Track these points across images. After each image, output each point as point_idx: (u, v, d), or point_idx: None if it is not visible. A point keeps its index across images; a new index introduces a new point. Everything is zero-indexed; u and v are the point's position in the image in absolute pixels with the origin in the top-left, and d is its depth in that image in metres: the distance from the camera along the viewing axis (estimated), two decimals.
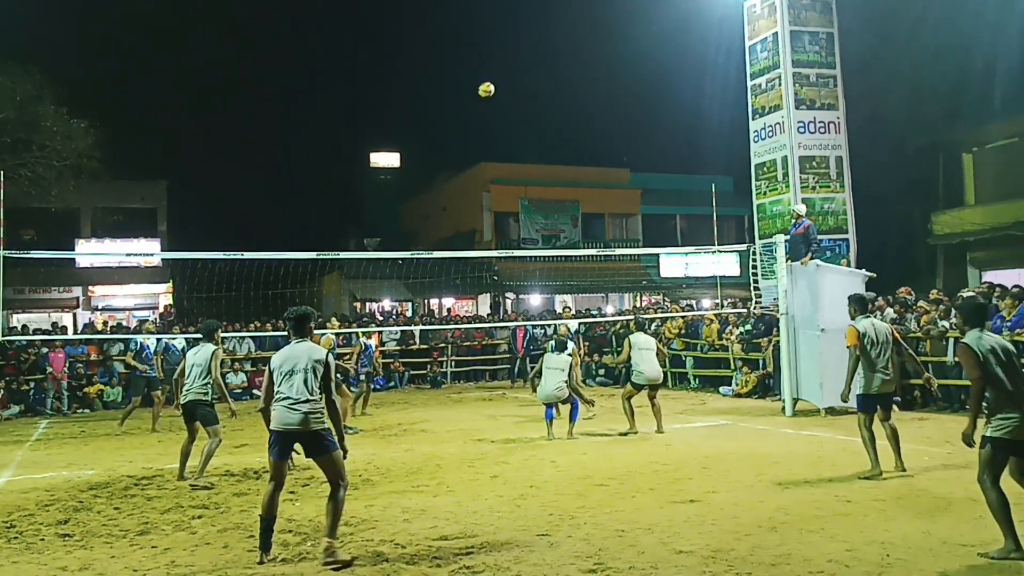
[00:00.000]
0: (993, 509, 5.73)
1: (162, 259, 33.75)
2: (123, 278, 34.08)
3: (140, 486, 9.21)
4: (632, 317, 15.59)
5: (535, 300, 36.12)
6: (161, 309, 32.76)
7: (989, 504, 5.77)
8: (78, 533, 7.12)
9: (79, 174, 25.22)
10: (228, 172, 47.22)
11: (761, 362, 17.45)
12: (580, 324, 20.54)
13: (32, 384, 19.18)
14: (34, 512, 7.96)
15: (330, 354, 6.38)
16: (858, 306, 9.03)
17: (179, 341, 17.03)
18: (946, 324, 13.97)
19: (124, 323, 28.77)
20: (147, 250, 33.09)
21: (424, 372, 23.14)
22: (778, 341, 14.78)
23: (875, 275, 14.58)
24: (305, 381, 6.14)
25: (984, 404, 5.81)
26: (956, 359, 13.57)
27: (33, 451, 12.81)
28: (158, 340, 15.92)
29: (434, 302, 37.34)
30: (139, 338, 14.74)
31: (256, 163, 48.73)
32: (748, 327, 18.46)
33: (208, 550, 6.50)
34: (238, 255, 13.05)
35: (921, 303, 15.15)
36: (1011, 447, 5.72)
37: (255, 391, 20.62)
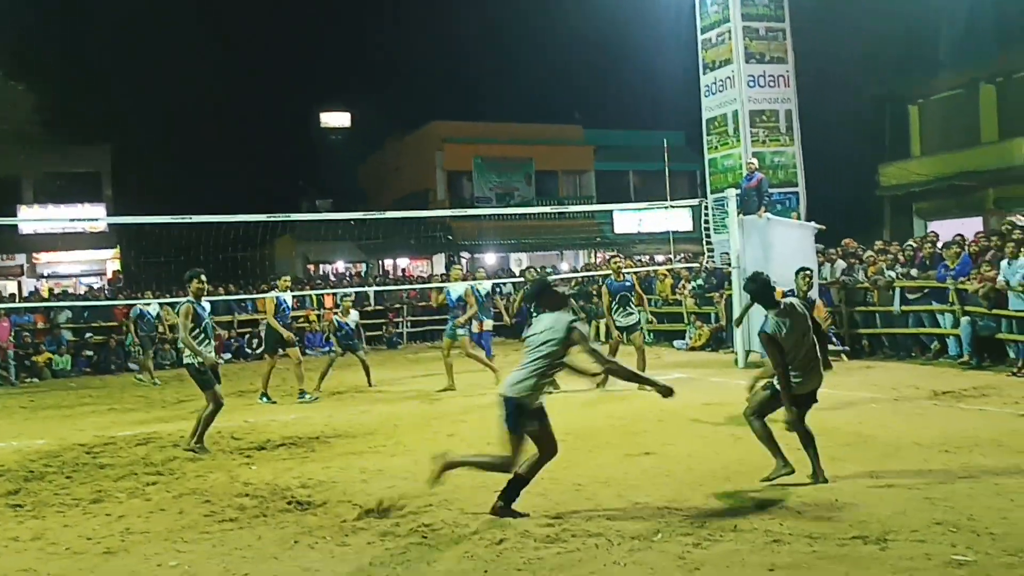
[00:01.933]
0: (760, 438, 6.61)
1: (108, 225, 33.03)
2: (68, 244, 33.34)
3: (92, 454, 9.07)
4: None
5: (490, 259, 36.09)
6: (109, 275, 32.16)
7: (755, 433, 6.65)
8: (29, 503, 7.01)
9: (21, 140, 24.49)
10: (176, 135, 45.98)
11: (714, 315, 17.67)
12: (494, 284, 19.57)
13: None
14: None
15: (574, 323, 5.82)
16: None
17: (153, 307, 16.72)
18: (892, 274, 14.24)
19: (71, 290, 28.14)
20: (92, 215, 32.36)
21: (380, 333, 23.05)
22: (730, 295, 14.96)
23: (824, 227, 14.80)
24: (531, 353, 5.94)
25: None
26: (902, 308, 13.90)
27: None
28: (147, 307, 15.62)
29: (388, 263, 37.18)
30: (274, 293, 13.93)
31: (205, 126, 47.53)
32: (701, 281, 18.65)
33: (163, 516, 6.45)
34: (186, 219, 12.81)
35: (869, 253, 15.43)
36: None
37: None
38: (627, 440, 8.45)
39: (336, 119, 49.31)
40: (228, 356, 20.97)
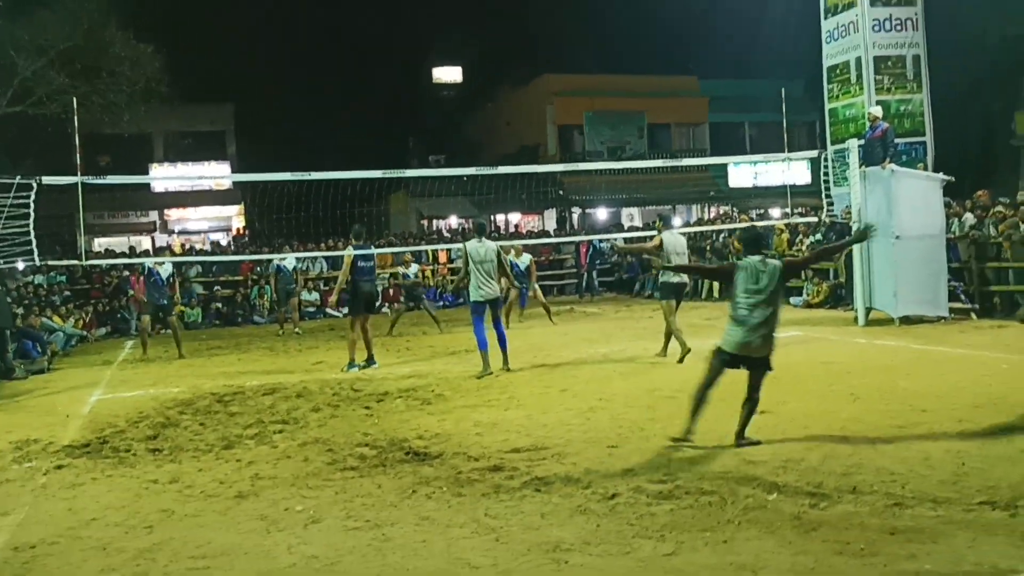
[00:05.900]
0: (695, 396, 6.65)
1: (232, 182, 34.30)
2: (196, 201, 34.85)
3: (223, 403, 9.54)
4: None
5: (602, 214, 35.85)
6: (234, 231, 33.42)
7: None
8: (167, 448, 7.45)
9: (149, 99, 25.56)
10: (293, 93, 47.13)
11: (833, 272, 17.15)
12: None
13: (116, 306, 19.86)
14: (124, 428, 8.35)
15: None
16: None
17: (289, 261, 17.13)
18: None
19: (199, 246, 29.45)
20: (217, 173, 33.64)
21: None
22: (850, 250, 14.46)
23: (953, 179, 14.08)
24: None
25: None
26: None
27: (121, 370, 13.38)
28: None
29: (500, 218, 37.34)
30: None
31: (320, 84, 48.54)
32: (819, 236, 18.10)
33: (289, 463, 6.75)
34: (305, 176, 13.17)
35: (999, 207, 14.61)
36: (733, 359, 6.64)
37: (328, 310, 21.05)
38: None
39: (448, 74, 49.57)
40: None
